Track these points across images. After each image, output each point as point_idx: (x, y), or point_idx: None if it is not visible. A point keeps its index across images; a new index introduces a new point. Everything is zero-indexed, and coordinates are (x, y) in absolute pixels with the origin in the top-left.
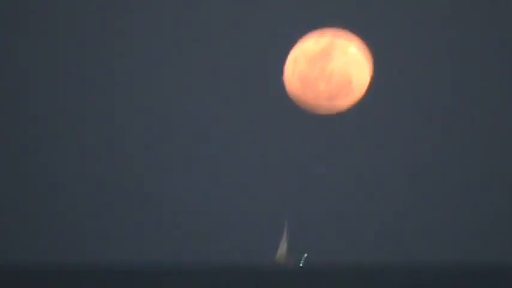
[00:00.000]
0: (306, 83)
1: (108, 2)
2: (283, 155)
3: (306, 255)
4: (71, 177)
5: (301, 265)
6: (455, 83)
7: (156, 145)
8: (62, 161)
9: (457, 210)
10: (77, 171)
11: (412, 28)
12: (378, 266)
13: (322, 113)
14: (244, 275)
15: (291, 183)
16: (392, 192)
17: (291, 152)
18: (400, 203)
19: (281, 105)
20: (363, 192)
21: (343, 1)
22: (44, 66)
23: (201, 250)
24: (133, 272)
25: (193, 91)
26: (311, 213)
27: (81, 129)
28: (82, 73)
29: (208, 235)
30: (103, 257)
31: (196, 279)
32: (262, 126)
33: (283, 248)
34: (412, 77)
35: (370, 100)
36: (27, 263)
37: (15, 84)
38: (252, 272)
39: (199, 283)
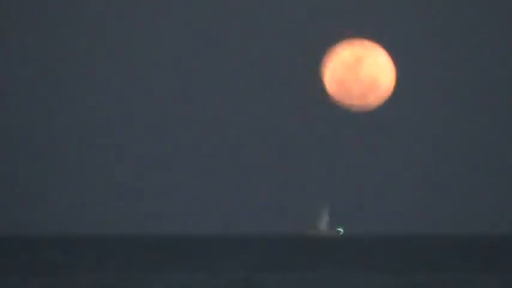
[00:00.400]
0: (342, 85)
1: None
2: (325, 145)
3: (341, 229)
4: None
5: (341, 232)
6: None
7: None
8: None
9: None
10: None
11: (427, 38)
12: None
13: (356, 110)
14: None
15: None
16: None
17: (332, 143)
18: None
19: (324, 104)
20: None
21: (372, 17)
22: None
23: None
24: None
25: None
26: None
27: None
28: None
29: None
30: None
31: (239, 247)
32: (312, 119)
33: (324, 219)
34: (430, 79)
35: (396, 98)
36: None
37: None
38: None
39: (246, 251)
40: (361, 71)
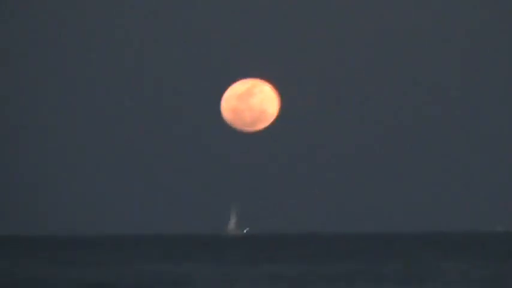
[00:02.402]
0: (236, 113)
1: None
2: (226, 157)
3: (247, 228)
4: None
5: (245, 232)
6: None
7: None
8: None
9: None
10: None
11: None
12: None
13: (246, 132)
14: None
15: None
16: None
17: (233, 155)
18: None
19: (220, 128)
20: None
21: (259, 59)
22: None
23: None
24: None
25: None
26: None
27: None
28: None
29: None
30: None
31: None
32: (209, 141)
33: (233, 220)
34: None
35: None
36: None
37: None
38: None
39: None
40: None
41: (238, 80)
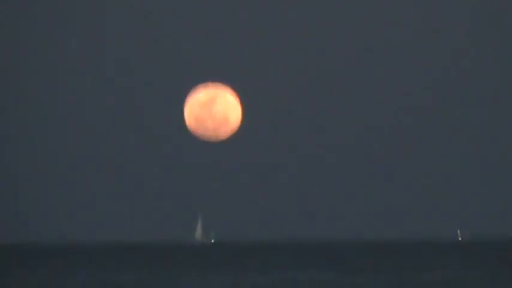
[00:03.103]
0: (199, 121)
1: None
2: (191, 162)
3: (213, 239)
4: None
5: (212, 241)
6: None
7: None
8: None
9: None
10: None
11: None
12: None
13: (209, 140)
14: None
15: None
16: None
17: (194, 161)
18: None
19: (184, 134)
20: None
21: (222, 67)
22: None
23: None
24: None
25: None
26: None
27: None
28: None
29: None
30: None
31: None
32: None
33: (199, 228)
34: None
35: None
36: None
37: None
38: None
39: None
40: (213, 109)
41: (201, 89)
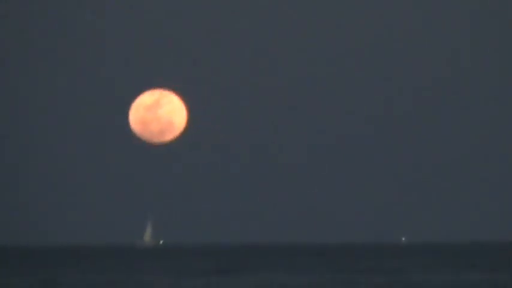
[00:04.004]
0: (144, 124)
1: None
2: (138, 167)
3: (162, 241)
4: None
5: (161, 243)
6: None
7: None
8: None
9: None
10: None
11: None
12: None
13: (155, 143)
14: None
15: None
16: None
17: (140, 165)
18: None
19: (128, 138)
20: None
21: (166, 70)
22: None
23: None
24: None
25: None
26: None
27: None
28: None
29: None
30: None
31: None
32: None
33: (148, 231)
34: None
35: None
36: None
37: None
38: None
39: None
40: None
41: (146, 91)
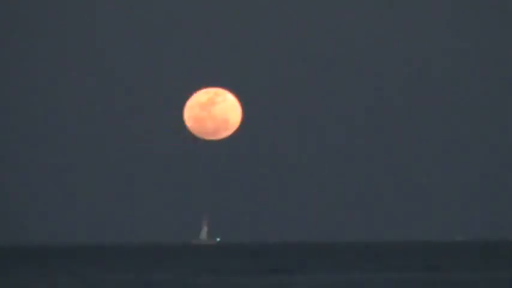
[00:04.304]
0: (198, 122)
1: None
2: (196, 164)
3: (218, 239)
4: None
5: (217, 241)
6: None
7: None
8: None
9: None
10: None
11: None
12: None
13: (210, 141)
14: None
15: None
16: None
17: (199, 162)
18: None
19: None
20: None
21: (220, 69)
22: None
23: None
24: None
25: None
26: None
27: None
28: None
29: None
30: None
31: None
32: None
33: (204, 229)
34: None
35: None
36: None
37: None
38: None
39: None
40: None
41: (201, 89)
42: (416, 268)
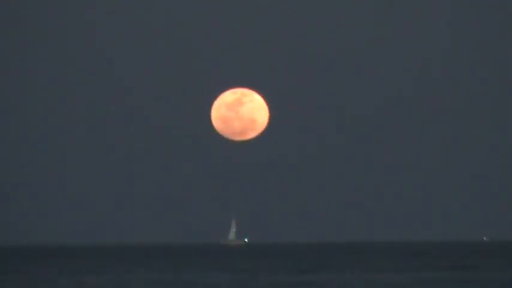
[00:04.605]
0: (225, 122)
1: None
2: (221, 165)
3: (246, 239)
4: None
5: (246, 241)
6: None
7: None
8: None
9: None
10: None
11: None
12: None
13: (237, 141)
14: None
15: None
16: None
17: (226, 163)
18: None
19: (210, 137)
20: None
21: (248, 69)
22: None
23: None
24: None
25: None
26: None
27: None
28: None
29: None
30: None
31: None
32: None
33: (233, 230)
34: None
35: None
36: None
37: None
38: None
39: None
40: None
41: (228, 89)
42: (451, 267)
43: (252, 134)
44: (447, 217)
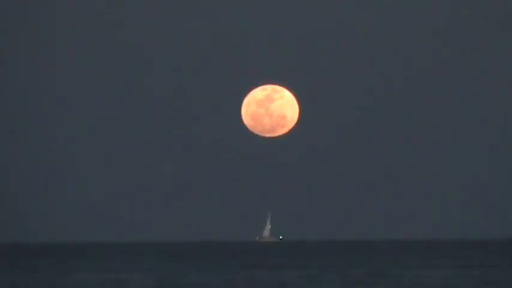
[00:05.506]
0: (256, 119)
1: None
2: (252, 163)
3: (281, 237)
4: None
5: (280, 238)
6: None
7: None
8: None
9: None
10: None
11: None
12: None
13: (266, 138)
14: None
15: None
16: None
17: (257, 161)
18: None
19: (240, 134)
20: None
21: (278, 65)
22: None
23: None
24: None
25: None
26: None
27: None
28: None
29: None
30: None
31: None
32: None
33: (267, 228)
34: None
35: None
36: None
37: None
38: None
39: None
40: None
41: (258, 86)
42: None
43: (282, 131)
44: (447, 217)
